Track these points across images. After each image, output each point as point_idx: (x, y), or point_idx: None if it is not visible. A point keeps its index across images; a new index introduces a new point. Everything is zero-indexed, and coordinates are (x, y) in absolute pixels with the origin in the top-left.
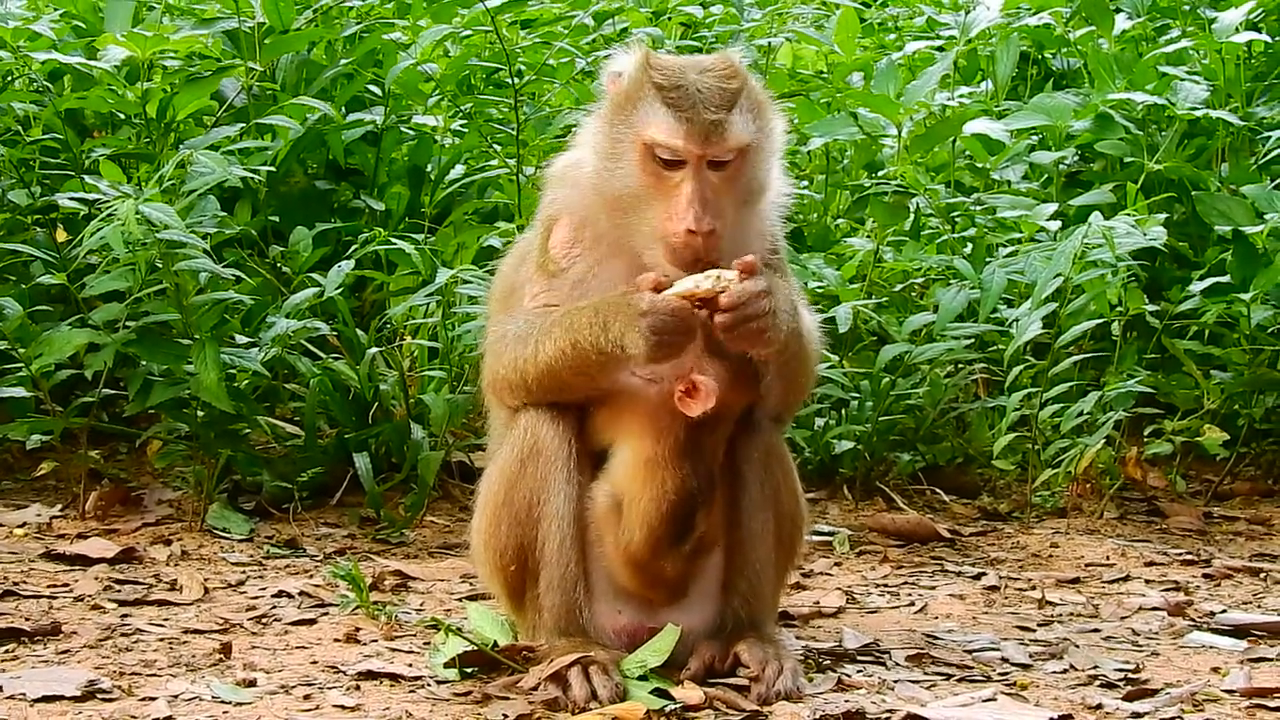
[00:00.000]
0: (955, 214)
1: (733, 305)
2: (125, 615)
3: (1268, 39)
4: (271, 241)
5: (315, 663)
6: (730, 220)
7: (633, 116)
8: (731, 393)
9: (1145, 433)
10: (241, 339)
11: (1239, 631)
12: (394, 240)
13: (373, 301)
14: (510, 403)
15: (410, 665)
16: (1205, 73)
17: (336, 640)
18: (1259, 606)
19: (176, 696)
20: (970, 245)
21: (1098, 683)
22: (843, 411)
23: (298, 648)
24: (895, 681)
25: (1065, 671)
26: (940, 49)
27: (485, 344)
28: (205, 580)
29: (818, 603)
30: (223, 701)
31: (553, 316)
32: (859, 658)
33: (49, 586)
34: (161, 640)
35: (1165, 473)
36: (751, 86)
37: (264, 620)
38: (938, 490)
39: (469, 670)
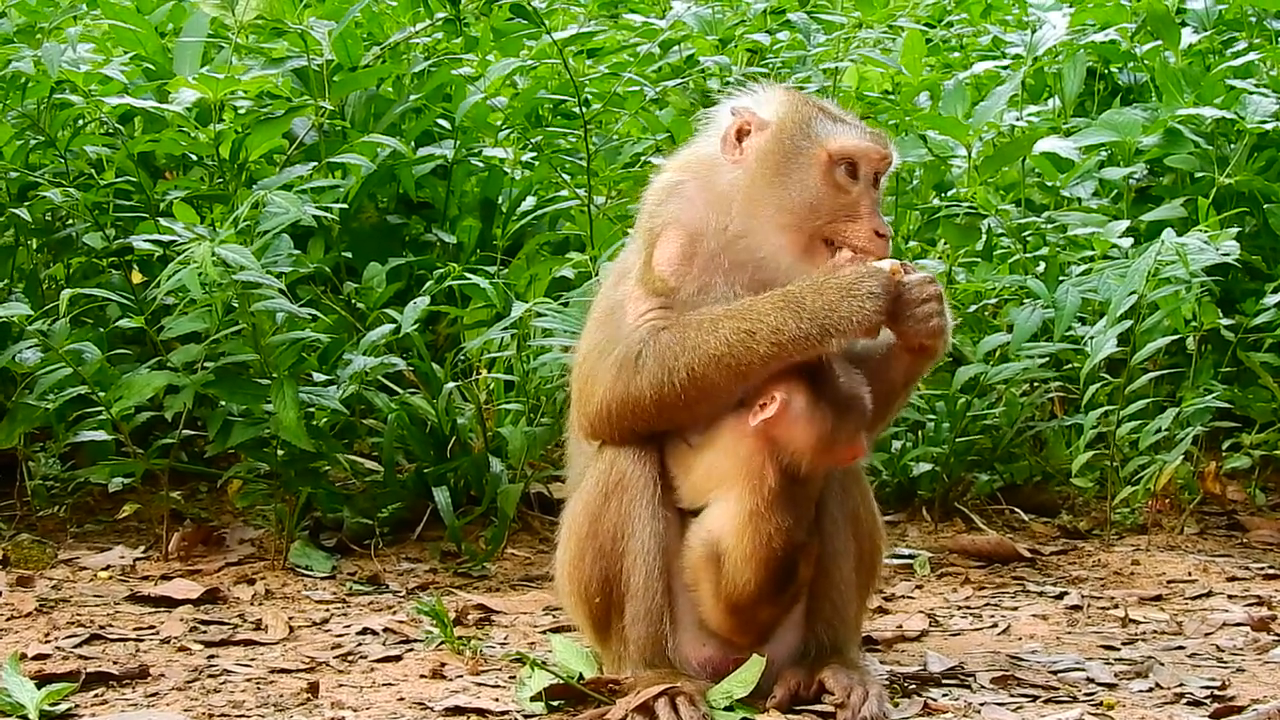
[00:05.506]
0: (1027, 233)
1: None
2: (212, 656)
3: None
4: (345, 278)
5: (402, 699)
6: None
7: (811, 131)
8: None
9: (1223, 447)
10: (319, 377)
11: None
12: (468, 274)
13: (447, 335)
14: (613, 431)
15: (497, 699)
16: (1274, 85)
17: (422, 676)
18: None
19: None
20: (1043, 264)
21: (1184, 701)
22: (919, 433)
23: (384, 685)
24: (981, 704)
25: (1151, 690)
26: (1006, 68)
27: (586, 368)
28: (290, 619)
29: (900, 626)
30: None
31: (710, 315)
32: (944, 681)
33: (135, 629)
34: (249, 680)
35: (1244, 486)
36: None
37: (350, 658)
38: (1016, 510)
39: (555, 703)
